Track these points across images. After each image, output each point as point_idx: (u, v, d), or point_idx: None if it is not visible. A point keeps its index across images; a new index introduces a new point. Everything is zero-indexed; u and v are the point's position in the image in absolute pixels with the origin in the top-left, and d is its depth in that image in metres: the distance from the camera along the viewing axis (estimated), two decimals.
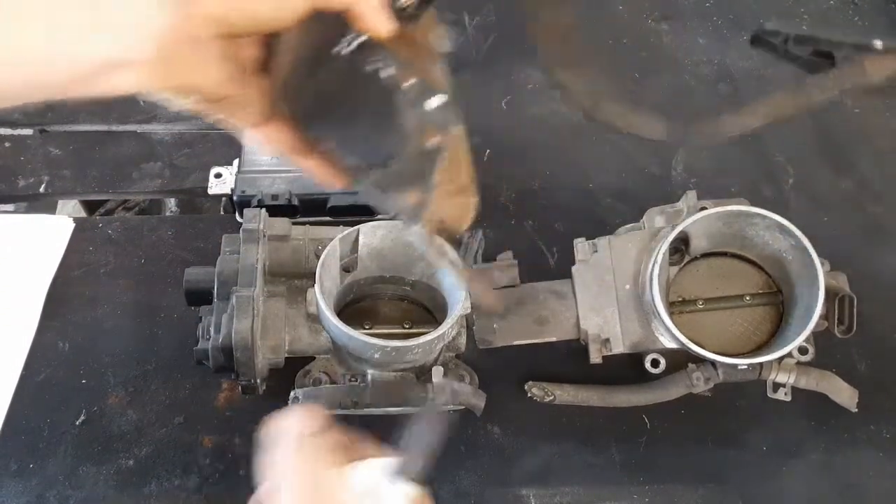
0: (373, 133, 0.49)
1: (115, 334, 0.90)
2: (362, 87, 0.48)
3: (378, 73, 0.47)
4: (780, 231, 0.80)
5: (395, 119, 0.47)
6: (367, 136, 0.49)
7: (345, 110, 0.49)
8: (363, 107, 0.49)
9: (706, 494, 0.83)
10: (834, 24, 1.25)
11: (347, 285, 0.80)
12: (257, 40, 0.47)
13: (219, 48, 0.42)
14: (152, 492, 0.80)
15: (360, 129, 0.50)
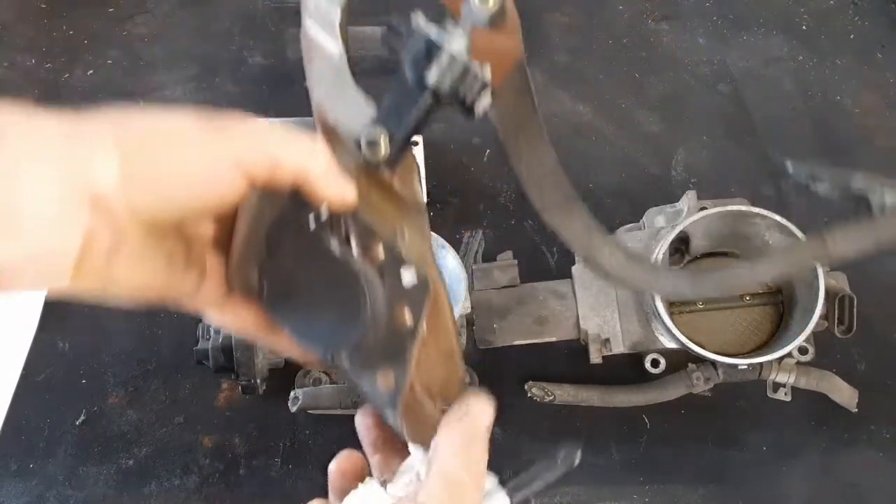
0: (338, 320, 0.46)
1: (116, 334, 0.90)
2: (326, 265, 0.46)
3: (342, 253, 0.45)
4: (781, 231, 0.80)
5: (362, 304, 0.45)
6: (333, 322, 0.47)
7: (307, 293, 0.47)
8: (328, 289, 0.46)
9: (706, 494, 0.84)
10: (834, 24, 1.25)
11: None
12: (209, 218, 0.44)
13: (151, 240, 0.39)
14: (152, 491, 0.80)
15: (325, 314, 0.47)
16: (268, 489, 0.82)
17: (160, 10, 1.21)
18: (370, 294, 0.45)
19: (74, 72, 1.11)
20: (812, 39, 1.23)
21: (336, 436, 0.85)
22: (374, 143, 0.47)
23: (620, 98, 1.15)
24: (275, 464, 0.83)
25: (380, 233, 0.47)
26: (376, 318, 0.46)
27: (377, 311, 0.46)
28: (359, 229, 0.46)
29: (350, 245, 0.46)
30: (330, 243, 0.45)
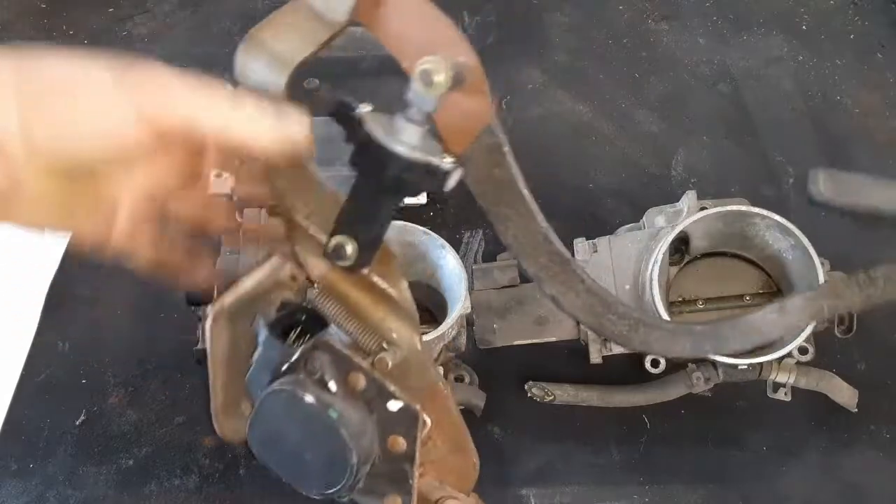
0: (328, 467, 0.46)
1: (116, 334, 0.90)
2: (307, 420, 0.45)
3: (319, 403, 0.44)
4: (780, 231, 0.80)
5: (347, 455, 0.45)
6: (323, 468, 0.47)
7: (293, 443, 0.47)
8: (312, 441, 0.46)
9: (706, 494, 0.83)
10: (834, 24, 1.25)
11: None
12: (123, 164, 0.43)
13: (53, 183, 0.39)
14: (152, 491, 0.80)
15: (314, 462, 0.47)
16: (268, 489, 0.82)
17: (160, 10, 1.21)
18: (354, 445, 0.45)
19: None
20: (812, 39, 1.23)
21: None
22: (340, 251, 0.44)
23: (620, 98, 1.15)
24: None
25: (364, 343, 0.48)
26: (368, 456, 0.46)
27: (367, 451, 0.46)
28: (333, 361, 0.46)
29: (326, 386, 0.45)
30: (304, 396, 0.44)
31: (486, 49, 1.19)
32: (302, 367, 0.46)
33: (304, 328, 0.47)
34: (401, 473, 0.47)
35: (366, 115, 0.42)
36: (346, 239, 0.44)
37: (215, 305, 0.47)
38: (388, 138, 0.41)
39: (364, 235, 0.44)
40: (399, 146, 0.41)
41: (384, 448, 0.47)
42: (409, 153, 0.41)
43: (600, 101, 1.15)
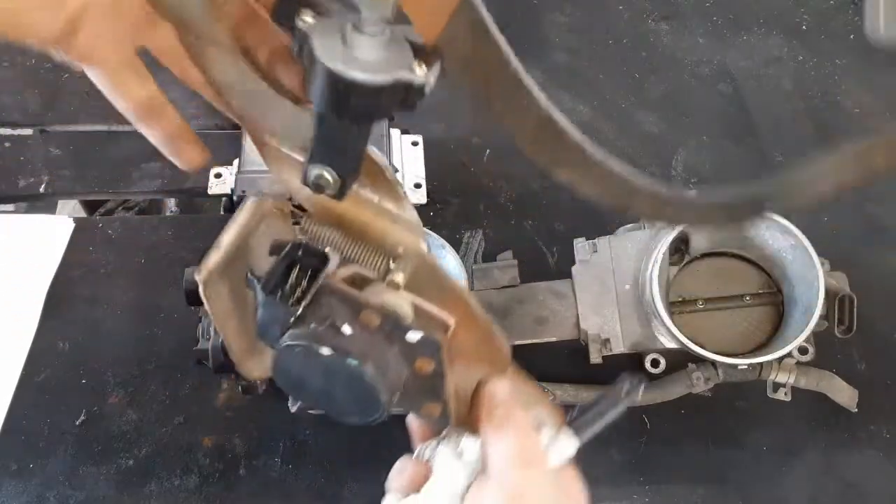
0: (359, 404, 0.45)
1: (116, 334, 0.90)
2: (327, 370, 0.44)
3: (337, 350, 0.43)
4: (780, 231, 0.80)
5: (373, 393, 0.43)
6: (355, 405, 0.46)
7: (321, 389, 0.45)
8: (338, 386, 0.45)
9: (706, 494, 0.83)
10: (834, 24, 1.25)
11: None
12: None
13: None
14: (152, 491, 0.80)
15: (345, 401, 0.46)
16: (268, 489, 0.82)
17: None
18: (381, 385, 0.44)
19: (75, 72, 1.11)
20: (812, 39, 1.23)
21: (336, 435, 0.84)
22: (321, 181, 0.42)
23: (620, 98, 1.15)
24: (275, 463, 0.83)
25: (370, 265, 0.46)
26: (397, 385, 0.45)
27: (395, 383, 0.45)
28: (342, 303, 0.44)
29: (340, 331, 0.44)
30: (320, 349, 0.43)
31: None
32: (311, 316, 0.44)
33: (303, 265, 0.44)
34: (433, 387, 0.47)
35: (311, 30, 0.35)
36: (323, 168, 0.41)
37: (201, 271, 0.44)
38: (342, 64, 0.34)
39: (340, 164, 0.41)
40: (358, 72, 0.34)
41: (412, 371, 0.46)
42: (372, 78, 0.34)
43: (600, 101, 1.15)
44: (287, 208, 0.47)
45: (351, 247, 0.46)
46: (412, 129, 1.05)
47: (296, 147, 0.44)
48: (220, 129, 1.06)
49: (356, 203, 0.46)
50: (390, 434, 0.52)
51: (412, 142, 1.03)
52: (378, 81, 0.34)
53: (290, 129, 0.44)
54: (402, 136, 1.03)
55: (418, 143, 1.03)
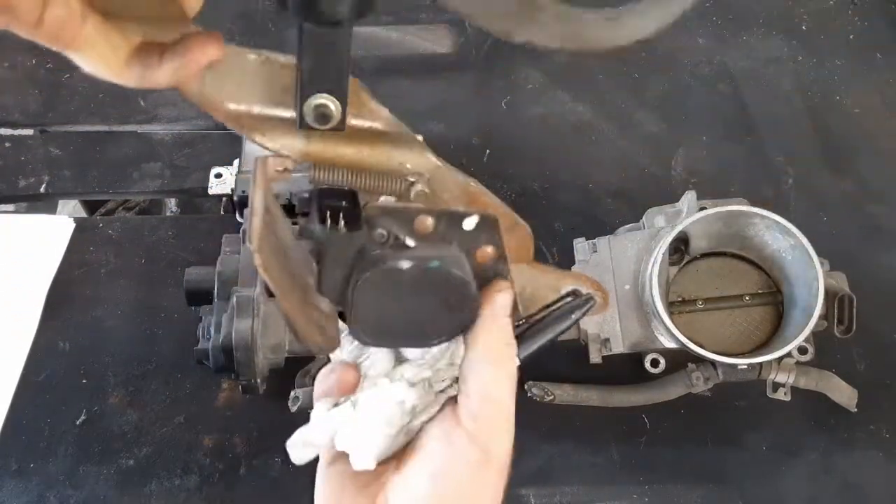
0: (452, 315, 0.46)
1: (116, 334, 0.90)
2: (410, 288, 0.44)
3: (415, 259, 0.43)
4: (780, 231, 0.80)
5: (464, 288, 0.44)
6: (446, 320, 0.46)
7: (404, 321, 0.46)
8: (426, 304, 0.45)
9: (706, 494, 0.84)
10: (834, 24, 1.25)
11: None
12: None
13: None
14: (152, 491, 0.80)
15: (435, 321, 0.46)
16: (268, 489, 0.82)
17: None
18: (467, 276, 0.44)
19: (75, 72, 1.11)
20: (812, 40, 1.23)
21: None
22: (324, 112, 0.41)
23: (620, 98, 1.15)
24: (275, 463, 0.83)
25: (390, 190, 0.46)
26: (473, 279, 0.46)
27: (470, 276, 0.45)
28: (393, 219, 0.43)
29: (406, 245, 0.44)
30: (400, 264, 0.43)
31: (486, 49, 1.19)
32: (373, 243, 0.44)
33: (332, 210, 0.43)
34: (497, 275, 0.48)
35: None
36: (324, 97, 0.41)
37: (252, 240, 0.42)
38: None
39: (334, 85, 0.40)
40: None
41: (476, 264, 0.46)
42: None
43: (600, 101, 1.15)
44: (288, 165, 0.45)
45: (364, 181, 0.46)
46: (412, 129, 1.05)
47: (267, 104, 0.43)
48: (221, 129, 1.06)
49: (350, 137, 0.45)
50: None
51: None
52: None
53: (253, 88, 0.43)
54: None
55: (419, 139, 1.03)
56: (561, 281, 0.56)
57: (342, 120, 0.42)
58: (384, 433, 0.46)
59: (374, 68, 1.16)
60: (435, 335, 0.47)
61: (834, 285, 0.81)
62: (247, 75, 0.43)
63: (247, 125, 0.44)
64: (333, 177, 0.46)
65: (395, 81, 1.15)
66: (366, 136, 0.45)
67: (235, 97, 0.43)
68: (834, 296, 0.80)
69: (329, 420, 0.48)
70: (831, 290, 0.80)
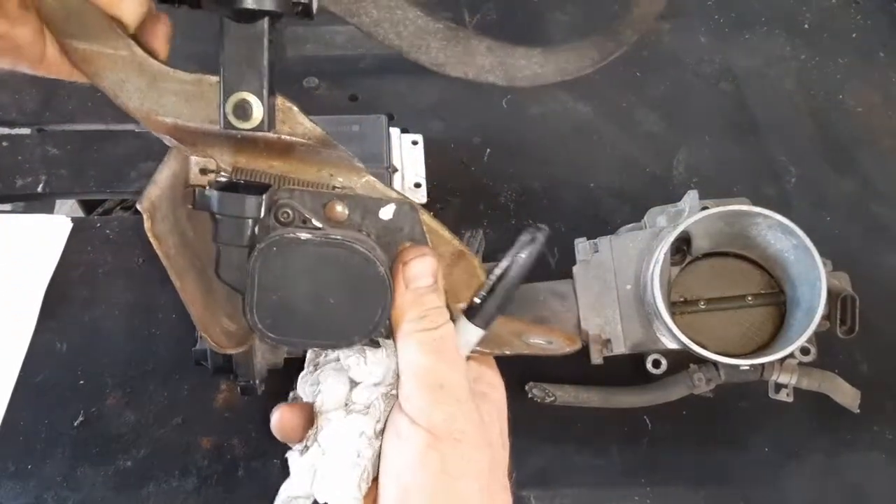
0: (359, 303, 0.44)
1: (114, 335, 0.90)
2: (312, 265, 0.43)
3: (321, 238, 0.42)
4: (783, 231, 0.79)
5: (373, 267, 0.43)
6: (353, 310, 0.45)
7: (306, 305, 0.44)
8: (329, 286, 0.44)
9: (708, 496, 0.83)
10: (836, 23, 1.24)
11: None
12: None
13: None
14: (150, 493, 0.80)
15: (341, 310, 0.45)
16: (267, 490, 0.80)
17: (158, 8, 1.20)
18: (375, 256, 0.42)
19: None
20: (814, 38, 1.22)
21: None
22: (245, 109, 0.42)
23: (621, 97, 1.15)
24: (274, 465, 0.82)
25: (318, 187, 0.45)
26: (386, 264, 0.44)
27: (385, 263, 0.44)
28: (303, 201, 0.43)
29: (310, 222, 0.43)
30: (300, 235, 0.42)
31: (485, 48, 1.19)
32: (276, 222, 0.43)
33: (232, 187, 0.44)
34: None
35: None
36: (244, 94, 0.42)
37: (143, 202, 0.43)
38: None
39: (255, 83, 0.41)
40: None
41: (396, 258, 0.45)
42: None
43: (601, 101, 1.14)
44: (212, 165, 0.46)
45: (292, 184, 0.46)
46: (412, 128, 1.04)
47: (202, 120, 0.45)
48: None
49: (280, 151, 0.45)
50: None
51: (412, 141, 1.02)
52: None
53: (190, 105, 0.45)
54: (402, 135, 1.02)
55: (418, 143, 1.03)
56: (526, 333, 0.54)
57: (267, 122, 0.42)
58: (356, 469, 0.44)
59: (374, 68, 1.16)
60: (345, 330, 0.44)
61: (837, 285, 0.80)
62: (184, 92, 0.45)
63: (182, 138, 0.46)
64: (259, 178, 0.46)
65: (395, 80, 1.15)
66: (296, 150, 0.45)
67: (173, 112, 0.45)
68: (837, 296, 0.79)
69: (304, 468, 0.48)
70: (834, 290, 0.79)
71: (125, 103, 0.46)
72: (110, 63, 0.44)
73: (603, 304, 0.83)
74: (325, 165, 0.46)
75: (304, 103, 1.24)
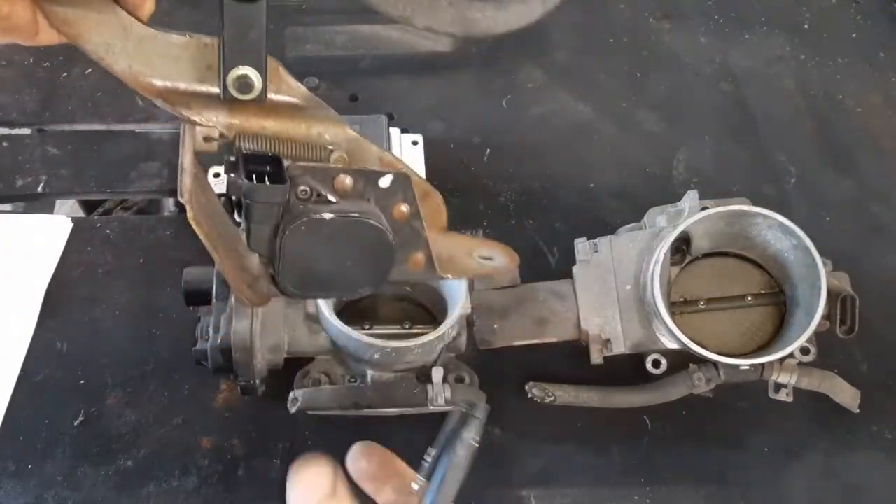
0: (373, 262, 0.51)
1: (114, 335, 0.90)
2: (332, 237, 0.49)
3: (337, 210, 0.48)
4: (782, 231, 0.79)
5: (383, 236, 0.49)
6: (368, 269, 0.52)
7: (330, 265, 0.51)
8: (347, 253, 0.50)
9: (707, 496, 0.83)
10: (836, 23, 1.24)
11: None
12: None
13: None
14: (151, 493, 0.80)
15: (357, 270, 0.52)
16: (267, 490, 0.81)
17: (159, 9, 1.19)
18: (385, 226, 0.48)
19: (73, 71, 1.11)
20: (814, 39, 1.22)
21: (335, 436, 0.84)
22: (245, 82, 0.45)
23: (621, 97, 1.15)
24: (274, 465, 0.82)
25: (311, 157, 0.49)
26: (391, 234, 0.50)
27: (389, 230, 0.50)
28: (315, 177, 0.48)
29: (328, 200, 0.48)
30: (323, 216, 0.47)
31: (486, 48, 1.19)
32: (296, 200, 0.48)
33: (258, 174, 0.47)
34: (414, 233, 0.52)
35: None
36: (245, 69, 0.44)
37: (183, 193, 0.47)
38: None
39: (254, 57, 0.44)
40: None
41: (393, 222, 0.51)
42: None
43: (601, 101, 1.14)
44: (214, 134, 0.48)
45: (286, 149, 0.49)
46: (412, 128, 1.05)
47: (193, 81, 0.47)
48: None
49: (271, 110, 0.48)
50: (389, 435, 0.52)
51: (412, 141, 1.02)
52: None
53: (180, 66, 0.46)
54: (402, 135, 1.02)
55: (418, 143, 1.03)
56: (475, 247, 0.60)
57: (263, 90, 0.45)
58: None
59: (374, 68, 1.16)
60: (357, 284, 0.52)
61: (836, 285, 0.80)
62: (173, 54, 0.46)
63: (174, 101, 0.47)
64: (257, 145, 0.49)
65: (395, 81, 1.15)
66: (285, 109, 0.49)
67: (163, 74, 0.46)
68: (836, 296, 0.79)
69: None
70: (834, 290, 0.79)
71: (111, 66, 0.46)
72: (95, 26, 0.45)
73: (603, 304, 0.83)
74: (312, 123, 0.50)
75: None
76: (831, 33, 1.23)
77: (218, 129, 0.48)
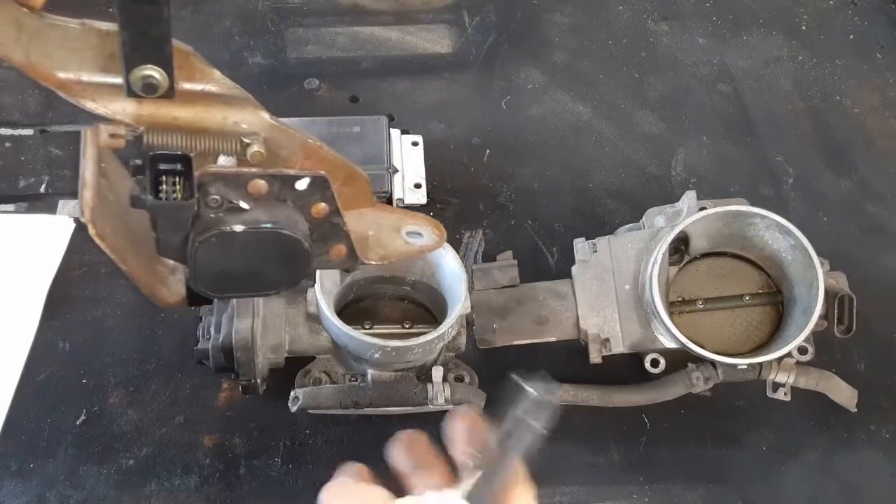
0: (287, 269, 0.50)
1: (116, 334, 0.90)
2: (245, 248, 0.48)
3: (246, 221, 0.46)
4: (780, 231, 0.80)
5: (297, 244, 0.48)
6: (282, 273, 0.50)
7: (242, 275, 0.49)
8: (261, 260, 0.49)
9: (706, 494, 0.84)
10: (834, 24, 1.25)
11: (347, 285, 0.80)
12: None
13: None
14: (152, 491, 0.80)
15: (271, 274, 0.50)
16: (268, 489, 0.82)
17: None
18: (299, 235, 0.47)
19: None
20: (811, 39, 1.23)
21: (336, 436, 0.85)
22: (150, 82, 0.42)
23: (620, 98, 1.15)
24: (275, 464, 0.83)
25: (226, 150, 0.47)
26: (308, 235, 0.49)
27: (305, 232, 0.48)
28: (226, 184, 0.45)
29: (239, 208, 0.46)
30: (234, 228, 0.46)
31: (486, 49, 1.19)
32: (206, 208, 0.46)
33: (168, 173, 0.44)
34: (334, 227, 0.51)
35: None
36: (149, 68, 0.42)
37: (84, 212, 0.44)
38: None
39: (158, 56, 0.42)
40: None
41: (311, 219, 0.50)
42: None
43: (600, 102, 1.15)
44: (121, 131, 0.46)
45: (199, 143, 0.47)
46: (412, 129, 1.05)
47: (96, 71, 0.44)
48: None
49: (183, 99, 0.46)
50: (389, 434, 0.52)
51: (412, 142, 1.03)
52: None
53: (80, 56, 0.44)
54: (403, 136, 1.03)
55: (418, 143, 1.03)
56: (402, 222, 0.59)
57: (170, 87, 0.43)
58: None
59: (374, 69, 1.16)
60: (274, 285, 0.51)
61: (834, 285, 0.81)
62: (72, 43, 0.44)
63: (77, 92, 0.45)
64: (167, 141, 0.46)
65: (395, 81, 1.15)
66: (199, 98, 0.46)
67: (63, 65, 0.44)
68: (834, 296, 0.80)
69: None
70: (831, 290, 0.80)
71: (8, 58, 0.44)
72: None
73: (602, 304, 0.84)
74: (228, 111, 0.47)
75: (305, 104, 1.26)
76: (829, 34, 1.23)
77: (124, 125, 0.46)
